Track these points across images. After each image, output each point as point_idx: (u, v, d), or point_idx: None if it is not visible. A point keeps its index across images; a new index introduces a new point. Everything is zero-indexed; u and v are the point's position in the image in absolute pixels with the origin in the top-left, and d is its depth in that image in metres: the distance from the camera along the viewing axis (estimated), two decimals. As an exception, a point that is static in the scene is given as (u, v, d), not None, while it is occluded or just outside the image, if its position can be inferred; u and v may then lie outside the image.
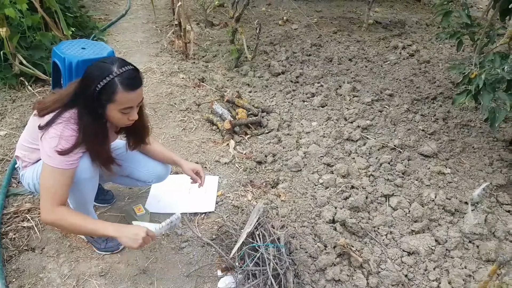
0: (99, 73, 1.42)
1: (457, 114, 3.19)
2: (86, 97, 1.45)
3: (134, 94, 1.47)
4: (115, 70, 1.42)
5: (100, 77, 1.42)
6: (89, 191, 1.71)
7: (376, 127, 3.03)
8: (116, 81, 1.42)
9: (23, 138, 1.72)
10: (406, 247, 2.05)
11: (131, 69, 1.47)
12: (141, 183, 2.01)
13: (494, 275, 1.58)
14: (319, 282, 1.86)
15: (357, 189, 2.44)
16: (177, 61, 4.00)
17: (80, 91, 1.48)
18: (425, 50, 4.36)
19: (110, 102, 1.46)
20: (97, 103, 1.46)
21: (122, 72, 1.43)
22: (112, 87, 1.42)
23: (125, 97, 1.45)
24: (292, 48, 4.40)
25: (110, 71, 1.42)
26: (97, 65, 1.46)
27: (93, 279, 1.75)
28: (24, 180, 1.75)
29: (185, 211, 2.16)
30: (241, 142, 2.89)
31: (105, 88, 1.42)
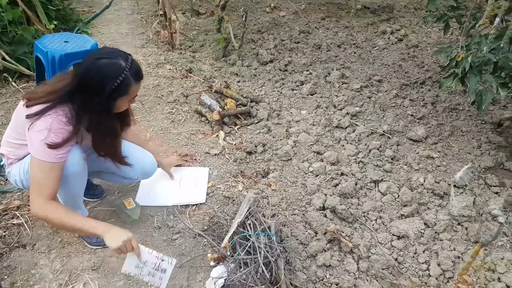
0: (112, 72, 1.43)
1: (445, 98, 3.21)
2: (100, 95, 1.45)
3: (140, 83, 1.56)
4: (124, 66, 1.44)
5: (115, 76, 1.43)
6: (79, 185, 1.70)
7: (365, 114, 3.04)
8: (129, 76, 1.46)
9: (8, 134, 1.69)
10: (395, 231, 2.08)
11: (133, 60, 1.50)
12: (128, 180, 2.00)
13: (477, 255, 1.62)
14: (310, 268, 1.88)
15: (346, 176, 2.46)
16: (163, 52, 3.96)
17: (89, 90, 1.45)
18: (414, 34, 4.36)
19: (123, 95, 1.50)
20: (109, 100, 1.48)
21: (130, 66, 1.46)
22: (128, 82, 1.47)
23: (136, 88, 1.53)
24: (280, 36, 4.36)
25: (122, 68, 1.44)
26: (104, 63, 1.43)
27: (86, 273, 1.75)
28: (11, 177, 1.73)
29: (175, 203, 2.16)
30: (231, 132, 2.89)
31: (121, 84, 1.45)
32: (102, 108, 1.49)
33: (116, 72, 1.43)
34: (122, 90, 1.47)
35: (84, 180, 1.72)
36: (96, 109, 1.49)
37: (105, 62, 1.43)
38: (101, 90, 1.44)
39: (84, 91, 1.46)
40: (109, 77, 1.43)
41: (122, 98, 1.50)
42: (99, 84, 1.44)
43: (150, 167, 2.00)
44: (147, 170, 1.99)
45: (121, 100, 1.51)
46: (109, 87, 1.43)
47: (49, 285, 1.70)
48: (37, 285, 1.70)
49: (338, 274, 1.86)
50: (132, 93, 1.52)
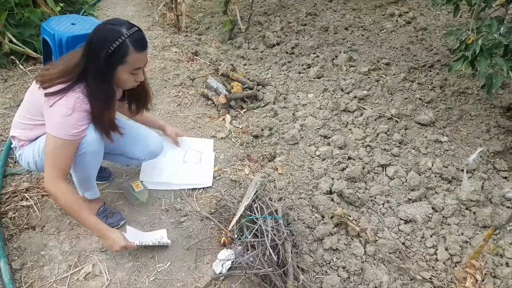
0: (110, 36, 1.43)
1: (454, 82, 3.16)
2: (97, 60, 1.45)
3: (143, 54, 1.51)
4: (125, 32, 1.44)
5: (112, 39, 1.43)
6: (94, 165, 1.72)
7: (373, 97, 3.01)
8: (127, 42, 1.44)
9: (20, 115, 1.69)
10: (403, 216, 2.08)
11: (138, 30, 1.50)
12: (135, 161, 2.00)
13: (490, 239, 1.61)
14: (317, 251, 1.89)
15: (354, 160, 2.45)
16: (169, 35, 3.91)
17: (90, 56, 1.46)
18: (422, 17, 4.27)
19: (121, 64, 1.47)
20: (107, 66, 1.47)
21: (132, 34, 1.46)
22: (124, 49, 1.44)
23: (136, 58, 1.48)
24: (287, 18, 4.29)
25: (121, 33, 1.43)
26: (106, 28, 1.46)
27: (94, 255, 1.77)
28: (23, 160, 1.74)
29: (181, 183, 2.16)
30: (237, 116, 2.87)
31: (117, 50, 1.44)
32: (99, 73, 1.47)
33: (114, 36, 1.43)
34: (119, 56, 1.45)
35: (99, 159, 1.72)
36: (93, 74, 1.47)
37: (106, 27, 1.46)
38: (98, 54, 1.44)
39: (87, 58, 1.47)
40: (106, 41, 1.43)
41: (121, 67, 1.48)
42: (97, 47, 1.44)
43: (156, 146, 2.00)
44: (153, 149, 1.99)
45: (120, 69, 1.49)
46: (105, 50, 1.43)
47: (59, 266, 1.72)
48: (46, 266, 1.72)
49: (345, 257, 1.86)
50: (131, 63, 1.48)
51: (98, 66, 1.46)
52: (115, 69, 1.49)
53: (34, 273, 1.69)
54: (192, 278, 1.72)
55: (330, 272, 1.80)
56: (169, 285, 1.69)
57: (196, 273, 1.74)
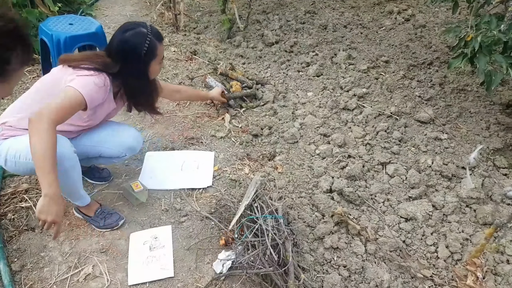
0: (139, 39, 1.65)
1: (453, 79, 3.15)
2: (137, 63, 1.69)
3: (163, 44, 1.76)
4: (147, 31, 1.67)
5: (143, 42, 1.66)
6: (76, 177, 1.71)
7: (373, 95, 3.00)
8: (153, 39, 1.68)
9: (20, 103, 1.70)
10: (403, 214, 2.07)
11: (151, 25, 1.72)
12: (116, 159, 1.96)
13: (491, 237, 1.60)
14: (318, 250, 1.89)
15: (354, 158, 2.44)
16: (167, 34, 3.90)
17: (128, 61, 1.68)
18: (421, 14, 4.26)
19: (153, 58, 1.71)
20: (144, 64, 1.71)
21: (151, 30, 1.69)
22: (154, 45, 1.68)
23: (161, 49, 1.74)
24: (286, 16, 4.28)
25: (146, 33, 1.66)
26: (131, 34, 1.65)
27: (94, 255, 1.77)
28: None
29: (182, 187, 2.16)
30: (237, 115, 2.86)
31: (150, 48, 1.67)
32: (140, 73, 1.73)
33: (143, 38, 1.65)
34: (151, 52, 1.69)
35: (79, 170, 1.71)
36: (134, 74, 1.72)
37: (131, 33, 1.66)
38: (137, 57, 1.67)
39: (121, 62, 1.68)
40: (138, 44, 1.65)
41: (153, 61, 1.72)
42: (133, 52, 1.66)
43: (132, 140, 1.93)
44: (130, 144, 1.92)
45: (153, 63, 1.73)
46: (141, 52, 1.66)
47: (59, 267, 1.72)
48: (46, 268, 1.72)
49: (346, 256, 1.86)
50: (159, 54, 1.73)
51: (138, 67, 1.71)
52: (149, 65, 1.73)
53: (34, 275, 1.68)
54: (192, 278, 1.72)
55: (331, 271, 1.79)
56: (169, 285, 1.69)
57: (196, 273, 1.74)
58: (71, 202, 1.86)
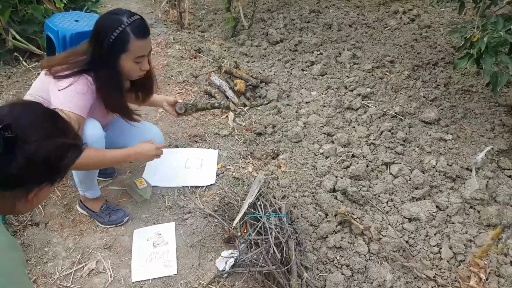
0: (110, 24, 1.46)
1: (458, 80, 3.14)
2: (101, 49, 1.49)
3: (145, 42, 1.53)
4: (125, 20, 1.46)
5: (113, 27, 1.45)
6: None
7: (377, 95, 2.99)
8: (128, 30, 1.46)
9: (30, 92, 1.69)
10: (407, 214, 2.07)
11: (140, 18, 1.52)
12: None
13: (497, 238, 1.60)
14: (321, 249, 1.88)
15: (357, 157, 2.44)
16: (172, 32, 3.91)
17: (95, 46, 1.50)
18: (426, 14, 4.24)
19: (123, 52, 1.50)
20: (111, 55, 1.50)
21: (132, 21, 1.47)
22: (125, 37, 1.46)
23: (138, 46, 1.50)
24: (290, 15, 4.28)
25: (121, 21, 1.46)
26: (107, 17, 1.50)
27: (98, 251, 1.77)
28: None
29: (185, 185, 2.16)
30: (240, 114, 2.86)
31: (119, 38, 1.46)
32: (105, 62, 1.51)
33: (114, 24, 1.45)
34: (121, 44, 1.47)
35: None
36: (99, 64, 1.51)
37: (107, 16, 1.50)
38: (101, 43, 1.47)
39: (93, 48, 1.51)
40: (107, 29, 1.46)
41: (124, 55, 1.51)
42: (99, 36, 1.48)
43: (158, 139, 1.99)
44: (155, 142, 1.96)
45: (123, 57, 1.51)
46: (107, 39, 1.46)
47: (62, 262, 1.73)
48: (50, 263, 1.72)
49: (349, 255, 1.86)
50: (133, 50, 1.50)
51: (103, 55, 1.49)
52: (119, 58, 1.51)
53: (37, 270, 1.69)
54: (195, 275, 1.72)
55: (333, 270, 1.79)
56: (172, 282, 1.69)
57: (199, 270, 1.74)
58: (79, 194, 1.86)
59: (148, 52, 1.58)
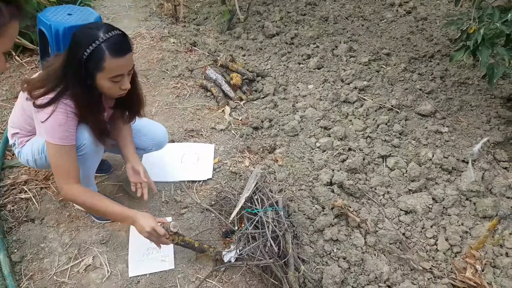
0: (84, 40, 1.34)
1: (454, 72, 3.14)
2: (74, 66, 1.38)
3: (123, 60, 1.39)
4: (101, 36, 1.34)
5: (86, 44, 1.33)
6: (93, 165, 1.70)
7: (373, 88, 2.99)
8: (103, 47, 1.34)
9: (17, 115, 1.68)
10: (403, 206, 2.07)
11: (118, 34, 1.39)
12: (141, 151, 1.98)
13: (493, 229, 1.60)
14: (318, 242, 1.89)
15: (354, 151, 2.44)
16: (167, 25, 3.87)
17: (68, 62, 1.40)
18: (422, 7, 4.23)
19: (98, 71, 1.38)
20: (86, 73, 1.39)
21: (108, 38, 1.35)
22: (99, 54, 1.34)
23: (114, 64, 1.37)
24: (286, 8, 4.25)
25: (96, 37, 1.34)
26: (82, 31, 1.38)
27: (95, 247, 1.77)
28: (22, 157, 1.72)
29: (182, 180, 2.15)
30: (237, 108, 2.85)
31: (92, 55, 1.34)
32: (79, 80, 1.40)
33: (88, 40, 1.33)
34: (95, 62, 1.36)
35: (98, 159, 1.72)
36: (74, 81, 1.40)
37: (83, 30, 1.37)
38: (74, 59, 1.37)
39: (66, 64, 1.41)
40: (81, 46, 1.35)
41: (99, 73, 1.39)
42: (73, 53, 1.37)
43: (162, 136, 1.99)
44: (159, 139, 1.98)
45: (99, 76, 1.40)
46: (79, 55, 1.35)
47: (59, 258, 1.72)
48: (46, 259, 1.72)
49: (346, 248, 1.86)
50: (109, 69, 1.38)
51: (76, 72, 1.38)
52: (94, 76, 1.40)
53: (34, 266, 1.68)
54: (193, 269, 1.72)
55: (330, 263, 1.80)
56: (170, 276, 1.69)
57: (197, 264, 1.74)
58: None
59: (128, 70, 1.46)
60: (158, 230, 1.49)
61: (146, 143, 1.94)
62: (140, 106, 1.74)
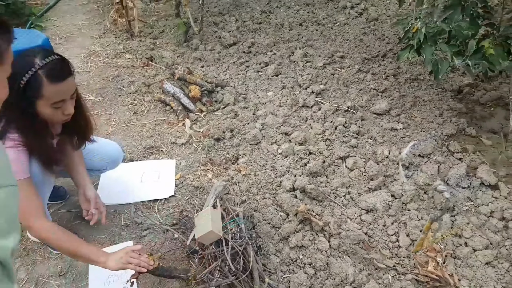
0: (21, 68, 1.30)
1: (406, 69, 3.25)
2: (14, 97, 1.27)
3: (63, 85, 1.36)
4: (37, 63, 1.31)
5: (23, 72, 1.29)
6: (44, 195, 1.64)
7: (330, 91, 3.04)
8: (40, 74, 1.30)
9: None
10: (364, 206, 2.12)
11: (56, 59, 1.36)
12: (96, 172, 1.94)
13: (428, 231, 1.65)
14: (283, 250, 1.89)
15: (314, 154, 2.47)
16: (122, 41, 3.81)
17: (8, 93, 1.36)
18: (373, 7, 4.35)
19: (38, 98, 1.34)
20: (24, 101, 1.33)
21: (46, 64, 1.32)
22: (36, 81, 1.30)
23: (53, 90, 1.33)
24: (242, 17, 4.28)
25: (32, 64, 1.30)
26: (18, 59, 1.29)
27: (53, 280, 1.70)
28: None
29: (143, 200, 2.11)
30: (197, 120, 2.83)
31: (30, 83, 1.30)
32: (19, 110, 1.36)
33: (24, 68, 1.30)
34: (34, 89, 1.32)
35: (49, 188, 1.66)
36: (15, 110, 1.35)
37: (19, 58, 1.30)
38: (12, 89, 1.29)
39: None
40: (17, 74, 1.30)
41: (39, 101, 1.35)
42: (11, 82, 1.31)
43: (116, 153, 1.95)
44: (113, 157, 1.94)
45: (39, 103, 1.36)
46: (17, 84, 1.30)
47: (16, 295, 1.64)
48: (3, 297, 1.63)
49: (311, 253, 1.88)
50: (48, 96, 1.34)
51: (17, 103, 1.32)
52: (34, 104, 1.36)
53: (-12, 307, 1.60)
54: (157, 292, 1.69)
55: (297, 270, 1.81)
56: (134, 302, 1.64)
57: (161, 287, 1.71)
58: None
59: (70, 95, 1.42)
60: (134, 248, 1.47)
61: (100, 163, 1.89)
62: (89, 130, 1.69)
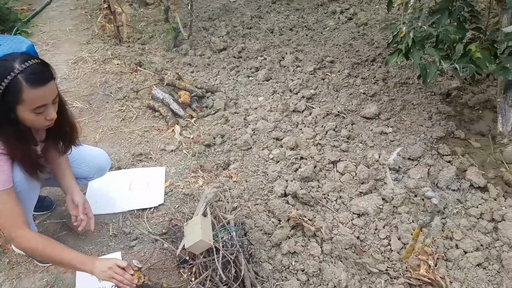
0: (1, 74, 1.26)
1: (395, 73, 3.26)
2: None
3: (44, 90, 1.32)
4: (16, 67, 1.27)
5: (1, 77, 1.26)
6: (30, 203, 1.61)
7: (320, 95, 3.05)
8: (19, 78, 1.27)
9: None
10: (355, 210, 2.11)
11: (36, 63, 1.32)
12: (83, 181, 1.90)
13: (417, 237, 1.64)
14: (276, 257, 1.87)
15: (306, 159, 2.46)
16: (110, 47, 3.78)
17: None
18: (363, 12, 4.39)
19: (18, 104, 1.30)
20: (6, 108, 1.30)
21: (25, 68, 1.28)
22: (16, 86, 1.27)
23: (34, 95, 1.30)
24: (232, 22, 4.27)
25: (11, 69, 1.26)
26: None
27: (39, 293, 1.66)
28: None
29: (132, 208, 2.08)
30: (187, 126, 2.81)
31: (9, 88, 1.27)
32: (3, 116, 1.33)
33: (3, 73, 1.26)
34: (14, 94, 1.28)
35: (34, 197, 1.62)
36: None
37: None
38: None
39: None
40: None
41: (19, 106, 1.31)
42: None
43: (103, 160, 1.92)
44: (100, 165, 1.91)
45: (19, 109, 1.32)
46: None
47: (1, 309, 1.60)
48: (-13, 312, 1.59)
49: (303, 259, 1.86)
50: (29, 101, 1.30)
51: None
52: (15, 109, 1.32)
53: (-29, 322, 1.55)
54: (147, 303, 1.65)
55: (289, 277, 1.79)
56: (123, 314, 1.61)
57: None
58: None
59: (52, 99, 1.38)
60: (120, 264, 1.42)
61: (87, 171, 1.85)
62: (74, 135, 1.66)
